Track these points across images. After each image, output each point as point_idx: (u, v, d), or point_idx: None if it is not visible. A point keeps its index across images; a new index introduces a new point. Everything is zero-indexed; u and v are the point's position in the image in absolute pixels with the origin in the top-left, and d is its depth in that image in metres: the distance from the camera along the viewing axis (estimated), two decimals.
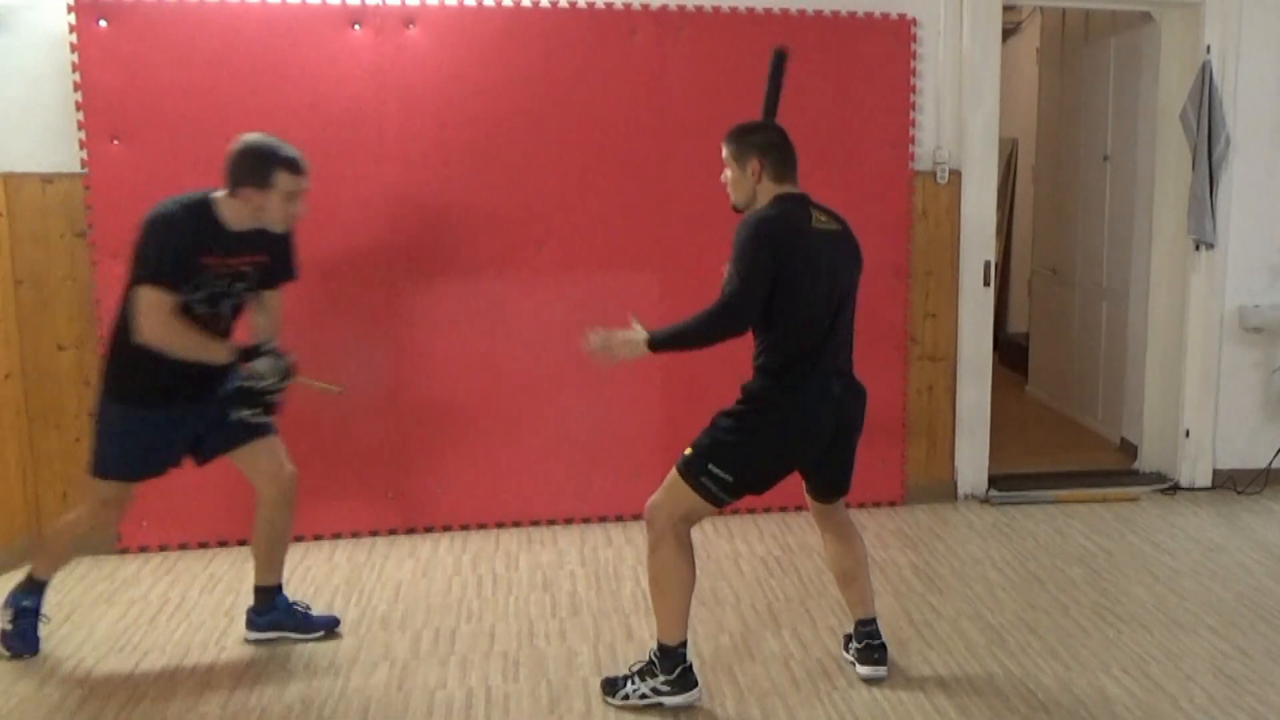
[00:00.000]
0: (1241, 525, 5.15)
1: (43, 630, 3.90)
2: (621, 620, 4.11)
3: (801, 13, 4.99)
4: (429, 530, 5.02)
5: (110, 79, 4.46)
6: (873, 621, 3.65)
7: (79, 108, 4.46)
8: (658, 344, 3.32)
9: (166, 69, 4.49)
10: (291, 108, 4.60)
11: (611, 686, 3.52)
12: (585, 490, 5.14)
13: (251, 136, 3.57)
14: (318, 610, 4.09)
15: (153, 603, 4.27)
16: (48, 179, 4.53)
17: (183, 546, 4.80)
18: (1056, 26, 7.23)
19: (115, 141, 4.49)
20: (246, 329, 3.83)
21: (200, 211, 3.54)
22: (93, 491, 3.76)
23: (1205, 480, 5.69)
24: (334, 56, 4.63)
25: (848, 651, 3.75)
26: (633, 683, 3.47)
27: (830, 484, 3.55)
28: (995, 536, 4.98)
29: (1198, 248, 5.53)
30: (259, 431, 3.81)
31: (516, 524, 5.11)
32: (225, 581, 4.47)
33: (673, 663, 3.44)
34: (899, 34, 5.09)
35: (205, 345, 3.57)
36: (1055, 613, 4.17)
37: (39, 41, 4.46)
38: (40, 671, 3.70)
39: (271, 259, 3.74)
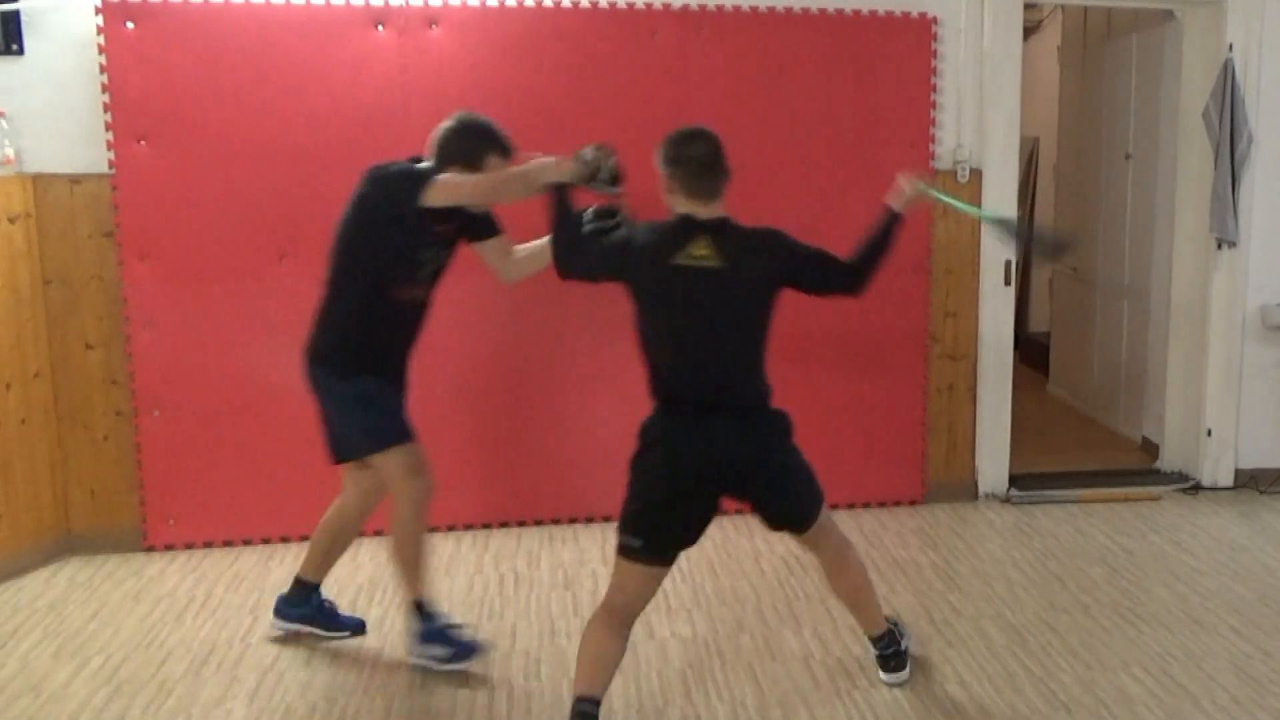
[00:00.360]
0: (1264, 525, 5.13)
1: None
2: (642, 619, 4.08)
3: (822, 11, 4.99)
4: (451, 529, 5.05)
5: (137, 80, 4.50)
6: (885, 634, 3.61)
7: (106, 109, 4.51)
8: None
9: (193, 70, 4.53)
10: (316, 108, 4.63)
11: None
12: (607, 488, 5.12)
13: (465, 115, 3.66)
14: (344, 610, 4.12)
15: (179, 600, 4.31)
16: (76, 180, 4.58)
17: (208, 545, 4.84)
18: (1078, 25, 7.20)
19: (142, 142, 4.53)
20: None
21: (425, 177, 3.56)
22: (395, 470, 3.66)
23: (1227, 480, 5.67)
24: (358, 57, 4.66)
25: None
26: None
27: (769, 517, 3.39)
28: (1016, 536, 4.98)
29: (1220, 246, 5.50)
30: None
31: (538, 522, 5.13)
32: (250, 579, 4.51)
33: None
34: (920, 33, 5.09)
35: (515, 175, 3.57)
36: (1076, 612, 4.16)
37: (67, 44, 4.51)
38: (68, 669, 3.75)
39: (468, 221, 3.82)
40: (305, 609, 3.97)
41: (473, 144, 3.60)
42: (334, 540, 3.95)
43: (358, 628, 4.03)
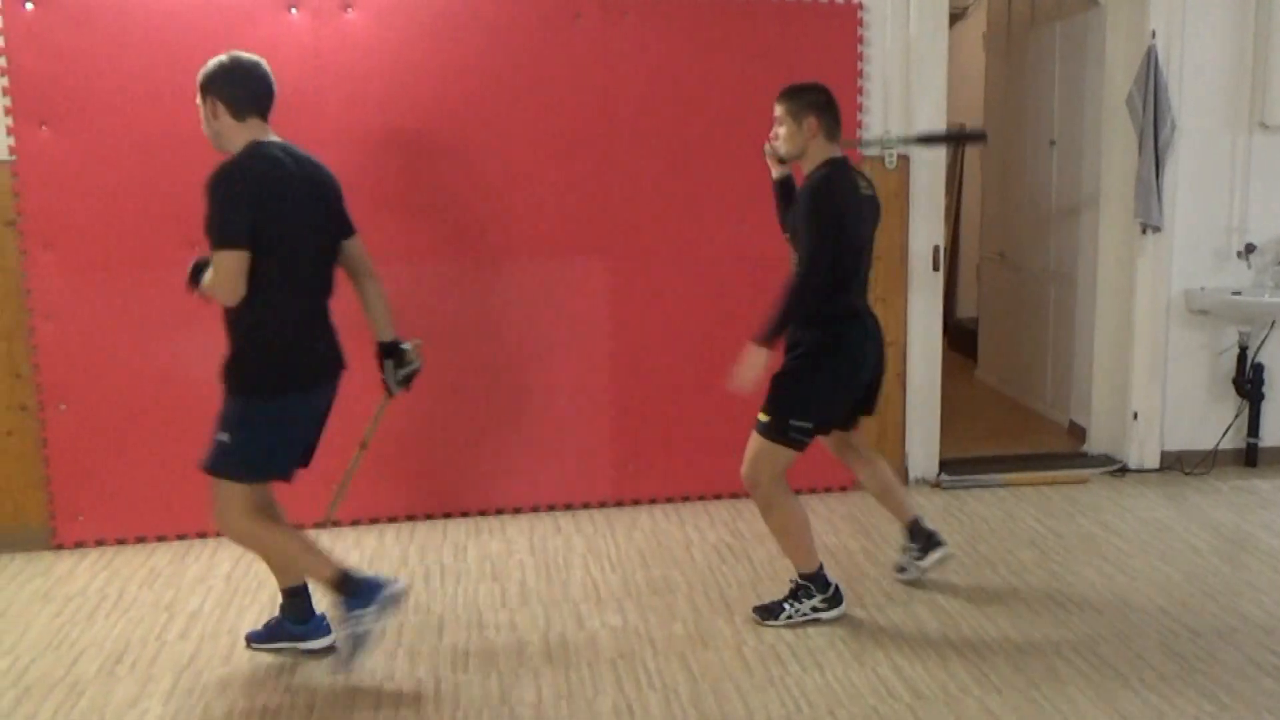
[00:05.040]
0: (1189, 506, 5.18)
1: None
2: (572, 609, 4.06)
3: None
4: (374, 521, 4.94)
5: (38, 64, 4.33)
6: (919, 519, 4.19)
7: (5, 93, 4.34)
8: (770, 341, 3.67)
9: (97, 53, 4.37)
10: None
11: (769, 613, 3.90)
12: (534, 479, 5.08)
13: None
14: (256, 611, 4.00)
15: (90, 599, 4.17)
16: None
17: (120, 541, 4.68)
18: (1003, 11, 7.25)
19: (44, 127, 4.36)
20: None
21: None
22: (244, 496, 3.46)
23: (1153, 462, 5.73)
24: (271, 41, 4.52)
25: (904, 571, 4.26)
26: (791, 604, 3.89)
27: (864, 407, 4.01)
28: (946, 520, 4.98)
29: (1144, 231, 5.55)
30: None
31: (464, 514, 5.04)
32: (165, 576, 4.37)
33: (823, 583, 3.89)
34: (845, 19, 5.07)
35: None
36: (1006, 595, 4.17)
37: None
38: None
39: None
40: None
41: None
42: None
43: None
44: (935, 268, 5.36)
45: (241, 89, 3.41)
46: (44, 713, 3.34)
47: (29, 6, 4.30)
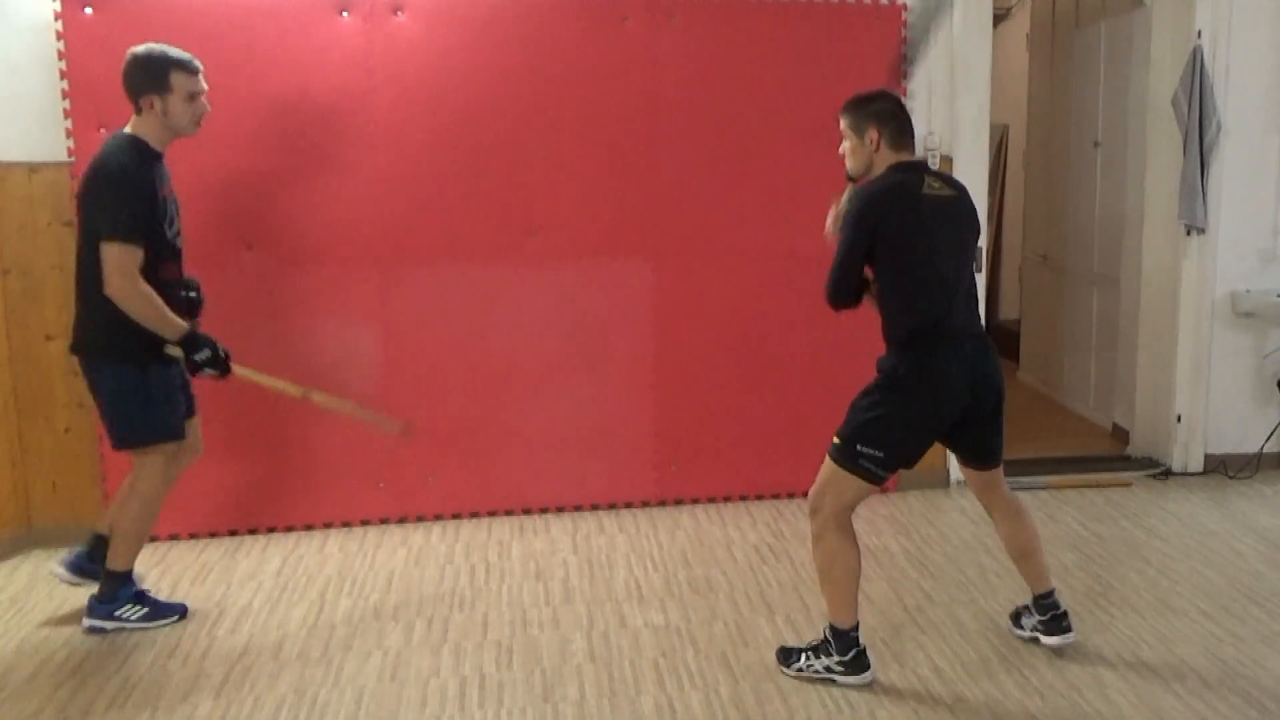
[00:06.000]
0: (1233, 510, 5.15)
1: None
2: (615, 608, 4.10)
3: (793, 0, 4.96)
4: (420, 519, 5.01)
5: (96, 67, 4.41)
6: (1052, 593, 3.68)
7: (65, 96, 4.43)
8: None
9: None
10: (279, 96, 4.57)
11: (786, 656, 3.61)
12: (578, 478, 5.12)
13: (138, 48, 3.75)
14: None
15: None
16: (34, 168, 4.50)
17: (174, 537, 4.78)
18: (1047, 12, 7.21)
19: (102, 130, 4.43)
20: None
21: (141, 148, 3.72)
22: (154, 457, 3.80)
23: (1197, 465, 5.70)
24: (322, 44, 4.60)
25: (1020, 627, 3.80)
26: (807, 657, 3.55)
27: (978, 447, 3.59)
28: (987, 522, 4.93)
29: (1189, 233, 5.52)
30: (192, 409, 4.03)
31: (509, 512, 5.10)
32: (216, 571, 4.45)
33: (846, 645, 3.49)
34: (889, 20, 5.08)
35: (165, 315, 3.70)
36: None
37: (23, 29, 4.42)
38: (32, 663, 3.69)
39: None
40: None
41: (155, 70, 3.71)
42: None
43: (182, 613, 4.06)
44: (977, 269, 5.35)
45: None
46: (98, 706, 3.41)
47: (88, 11, 4.39)
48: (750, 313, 5.12)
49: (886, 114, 3.45)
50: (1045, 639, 3.68)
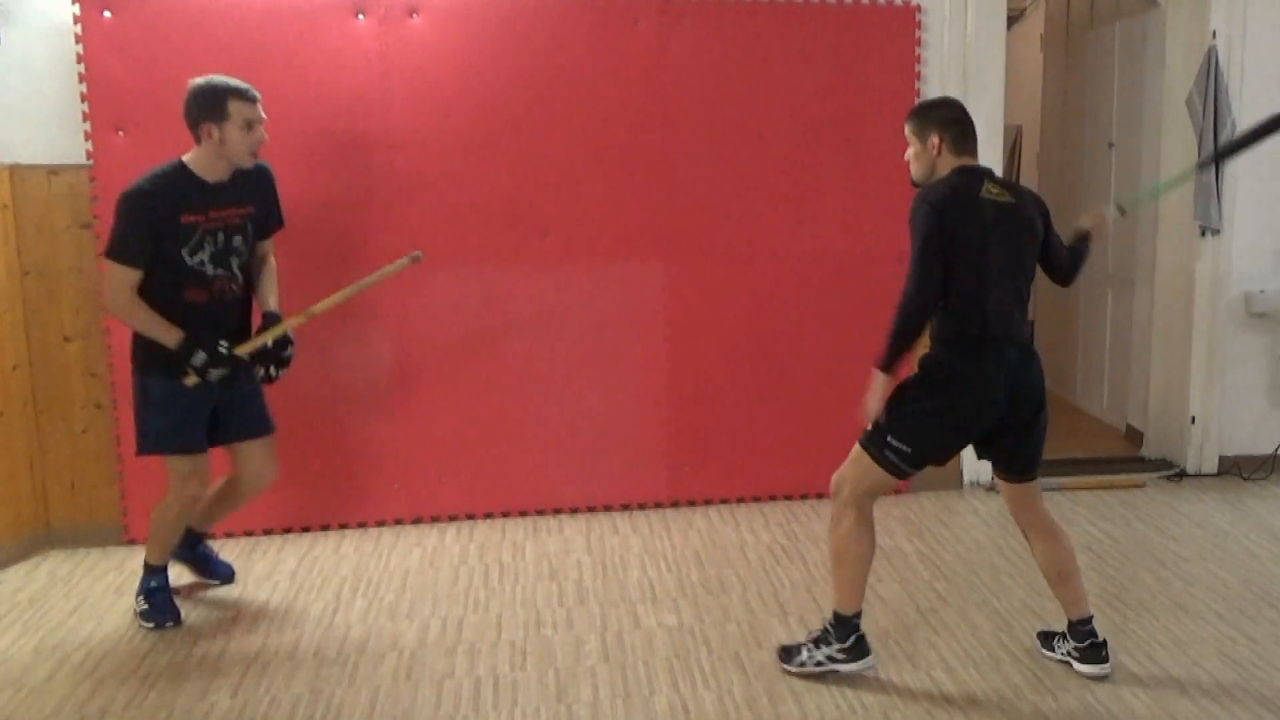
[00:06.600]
0: (1247, 511, 5.14)
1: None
2: (629, 609, 4.11)
3: (806, 1, 4.97)
4: (435, 520, 5.03)
5: (115, 70, 4.46)
6: (1090, 619, 3.58)
7: (84, 99, 4.47)
8: (888, 367, 3.38)
9: (171, 59, 4.48)
10: (296, 98, 4.59)
11: (788, 654, 3.62)
12: (591, 479, 5.14)
13: (197, 79, 3.77)
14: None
15: None
16: (53, 170, 4.53)
17: None
18: (1061, 13, 7.20)
19: (120, 133, 4.49)
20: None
21: (173, 175, 3.77)
22: (170, 469, 3.92)
23: (1211, 466, 5.69)
24: (338, 46, 4.63)
25: (1052, 650, 3.69)
26: (808, 650, 3.58)
27: (1014, 456, 3.55)
28: (1001, 524, 4.98)
29: (1203, 234, 5.51)
30: (264, 429, 4.08)
31: (522, 513, 5.12)
32: (235, 571, 4.47)
33: (847, 631, 3.54)
34: (903, 21, 5.08)
35: (159, 326, 3.73)
36: None
37: (43, 32, 4.46)
38: (49, 663, 3.72)
39: (257, 208, 3.95)
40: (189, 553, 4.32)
41: (212, 99, 3.73)
42: (228, 508, 4.26)
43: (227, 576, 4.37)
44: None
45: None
46: (116, 704, 3.44)
47: (107, 15, 4.42)
48: (763, 314, 5.13)
49: (949, 120, 3.46)
50: (1080, 667, 3.57)
